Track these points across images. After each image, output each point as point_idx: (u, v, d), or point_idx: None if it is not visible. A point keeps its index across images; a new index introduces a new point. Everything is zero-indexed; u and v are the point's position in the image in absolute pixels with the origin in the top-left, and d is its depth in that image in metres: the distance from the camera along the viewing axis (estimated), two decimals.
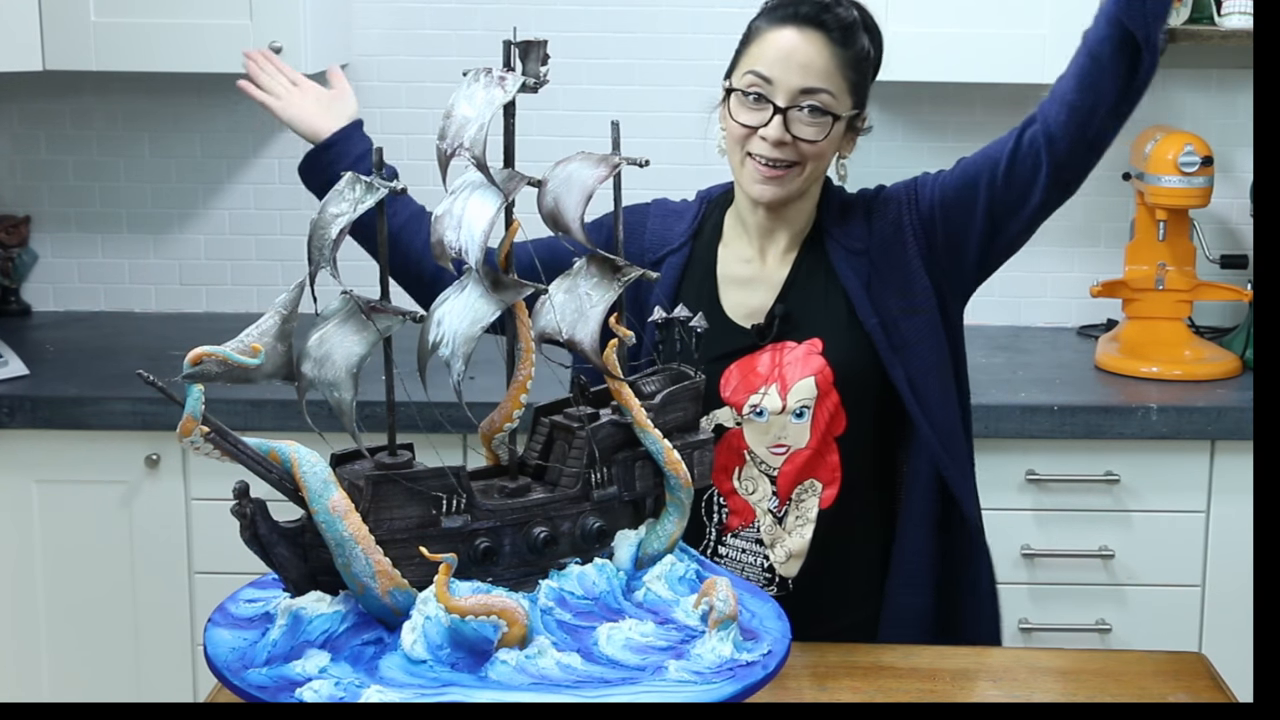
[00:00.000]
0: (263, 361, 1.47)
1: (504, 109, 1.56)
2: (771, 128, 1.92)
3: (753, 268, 2.05)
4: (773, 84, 1.93)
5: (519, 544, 1.58)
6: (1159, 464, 2.84)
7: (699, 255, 2.06)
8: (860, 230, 2.02)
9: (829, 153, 1.98)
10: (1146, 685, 1.78)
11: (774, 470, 2.01)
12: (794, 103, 1.92)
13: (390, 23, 3.34)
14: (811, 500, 2.02)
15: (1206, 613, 2.88)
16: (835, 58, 1.93)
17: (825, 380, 1.98)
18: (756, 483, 2.02)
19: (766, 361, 2.01)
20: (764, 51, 1.94)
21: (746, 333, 2.02)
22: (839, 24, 1.94)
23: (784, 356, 2.00)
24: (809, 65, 1.92)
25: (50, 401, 2.83)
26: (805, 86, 1.92)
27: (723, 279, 2.05)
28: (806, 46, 1.93)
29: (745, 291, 2.04)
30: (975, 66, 2.99)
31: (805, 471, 2.01)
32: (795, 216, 2.03)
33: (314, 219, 1.53)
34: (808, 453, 2.00)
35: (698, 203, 2.12)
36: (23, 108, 3.40)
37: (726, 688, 1.49)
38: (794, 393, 1.98)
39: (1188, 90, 3.33)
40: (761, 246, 2.05)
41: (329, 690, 1.44)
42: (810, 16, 1.94)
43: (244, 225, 3.43)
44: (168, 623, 2.89)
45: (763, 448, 2.01)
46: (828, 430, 2.00)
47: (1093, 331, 3.31)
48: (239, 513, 1.49)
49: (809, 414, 1.99)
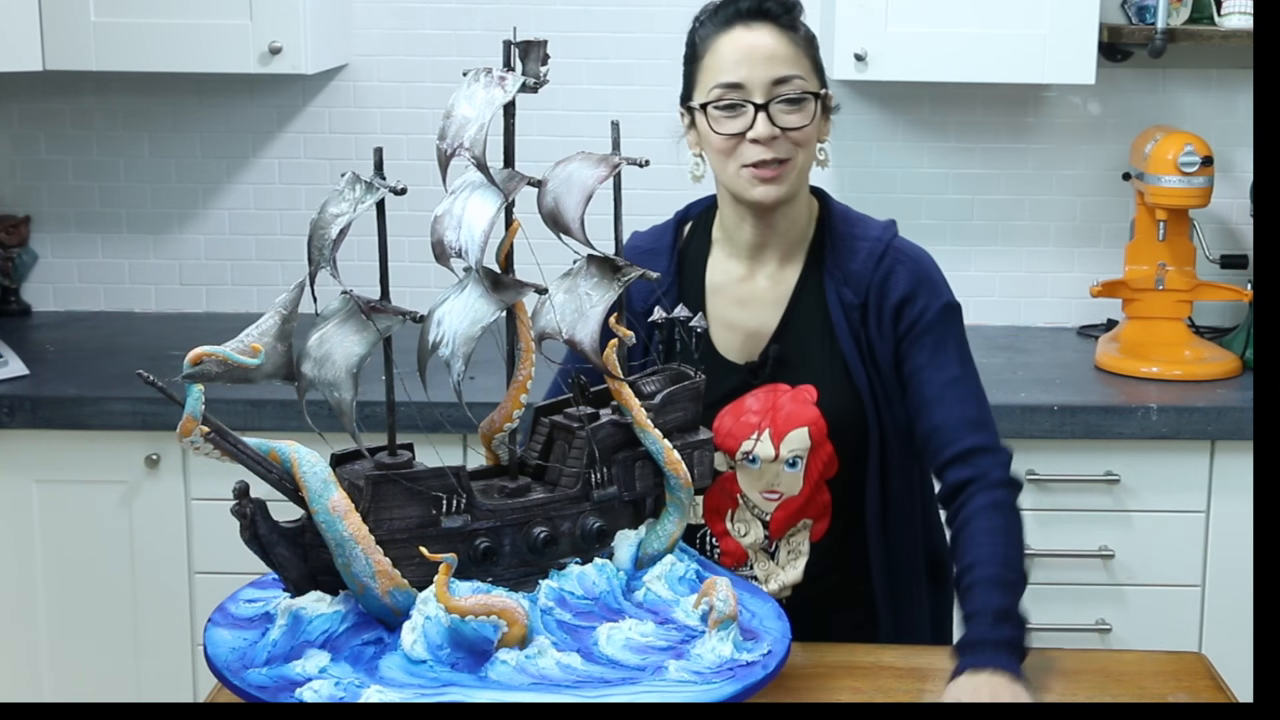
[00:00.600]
0: (263, 361, 1.47)
1: (504, 109, 1.56)
2: (759, 126, 1.86)
3: (745, 288, 1.99)
4: (744, 86, 1.87)
5: (519, 544, 1.58)
6: (1159, 464, 2.83)
7: (687, 288, 1.99)
8: (859, 282, 1.94)
9: (814, 137, 1.92)
10: (1146, 685, 1.78)
11: (766, 515, 1.98)
12: (770, 96, 1.87)
13: (390, 23, 3.33)
14: (802, 535, 1.99)
15: (1206, 613, 2.88)
16: (791, 42, 1.89)
17: (819, 432, 1.94)
18: (749, 525, 1.99)
19: (758, 403, 1.95)
20: (721, 60, 1.89)
21: (739, 370, 1.96)
22: (782, 7, 1.90)
23: (777, 400, 1.95)
24: (773, 56, 1.87)
25: (50, 401, 2.83)
26: (776, 77, 1.87)
27: (713, 304, 1.98)
28: (763, 39, 1.88)
29: (738, 314, 1.98)
30: (975, 66, 2.98)
31: (798, 515, 1.98)
32: (786, 225, 1.96)
33: (314, 219, 1.54)
34: (800, 500, 1.97)
35: (673, 226, 2.05)
36: (23, 108, 3.39)
37: (726, 688, 1.49)
38: (787, 442, 1.94)
39: (1188, 90, 3.33)
40: (751, 264, 1.98)
41: (329, 690, 1.44)
42: (753, 9, 1.89)
43: (244, 225, 3.42)
44: (168, 623, 2.89)
45: (755, 493, 1.97)
46: (820, 477, 1.97)
47: (1093, 331, 3.30)
48: (239, 513, 1.49)
49: (802, 464, 1.95)
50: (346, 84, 3.35)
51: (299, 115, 3.37)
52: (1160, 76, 3.33)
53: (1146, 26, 3.13)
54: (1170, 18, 3.11)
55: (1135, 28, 3.16)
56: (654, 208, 2.07)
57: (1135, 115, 3.32)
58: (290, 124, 3.38)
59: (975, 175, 3.37)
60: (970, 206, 3.38)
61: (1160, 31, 3.07)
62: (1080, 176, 3.37)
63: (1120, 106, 3.33)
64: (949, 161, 3.37)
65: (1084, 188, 3.38)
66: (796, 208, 1.97)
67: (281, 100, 3.36)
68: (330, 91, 3.36)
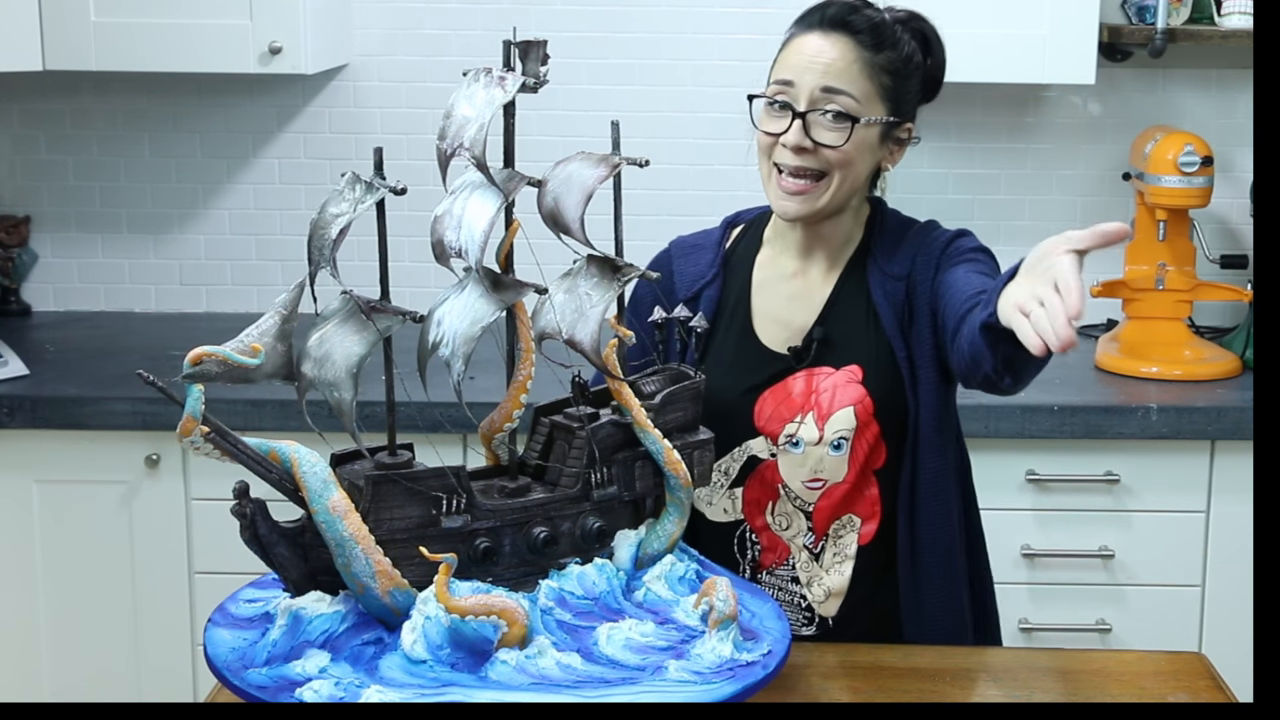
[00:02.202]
0: (263, 361, 1.47)
1: (504, 109, 1.56)
2: (791, 133, 1.86)
3: (795, 284, 1.98)
4: (794, 86, 1.87)
5: (519, 544, 1.58)
6: (1159, 464, 2.83)
7: (731, 283, 2.00)
8: (904, 256, 1.94)
9: (858, 162, 1.89)
10: (1146, 685, 1.77)
11: (809, 505, 1.94)
12: (814, 105, 1.86)
13: (390, 23, 3.34)
14: (850, 536, 1.95)
15: (1206, 613, 2.88)
16: (861, 60, 1.87)
17: (865, 411, 1.90)
18: (791, 518, 1.95)
19: (802, 387, 1.93)
20: (789, 57, 1.90)
21: (782, 357, 1.95)
22: (867, 24, 1.88)
23: (820, 382, 1.93)
24: (830, 66, 1.86)
25: (50, 401, 2.83)
26: (825, 86, 1.86)
27: (759, 298, 1.98)
28: (830, 48, 1.87)
29: (785, 307, 1.98)
30: (975, 66, 2.98)
31: (843, 507, 1.94)
32: (832, 232, 1.96)
33: (314, 219, 1.54)
34: (845, 487, 1.93)
35: (721, 228, 2.06)
36: (23, 108, 3.40)
37: (726, 688, 1.49)
38: (832, 423, 1.91)
39: (1188, 90, 3.33)
40: (803, 263, 1.98)
41: (329, 690, 1.44)
42: (836, 19, 1.88)
43: (244, 225, 3.43)
44: (168, 623, 2.89)
45: (798, 481, 1.93)
46: (867, 463, 1.92)
47: (1093, 331, 3.30)
48: (239, 513, 1.49)
49: (847, 446, 1.91)
50: (346, 84, 3.36)
51: (299, 115, 3.37)
52: (1160, 76, 3.33)
53: (1146, 26, 3.13)
54: (1170, 18, 3.12)
55: (1135, 28, 3.16)
56: (654, 207, 2.08)
57: (1135, 115, 3.32)
58: (290, 124, 3.38)
59: (975, 175, 3.37)
60: (970, 206, 3.38)
61: (1160, 31, 3.07)
62: (1080, 176, 3.37)
63: (1120, 106, 3.33)
64: (949, 161, 3.37)
65: (1084, 188, 3.38)
66: (844, 220, 1.96)
67: (281, 100, 3.36)
68: (330, 91, 3.36)
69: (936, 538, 1.93)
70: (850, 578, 1.95)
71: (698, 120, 3.27)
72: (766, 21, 1.86)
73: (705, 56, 3.31)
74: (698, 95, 3.31)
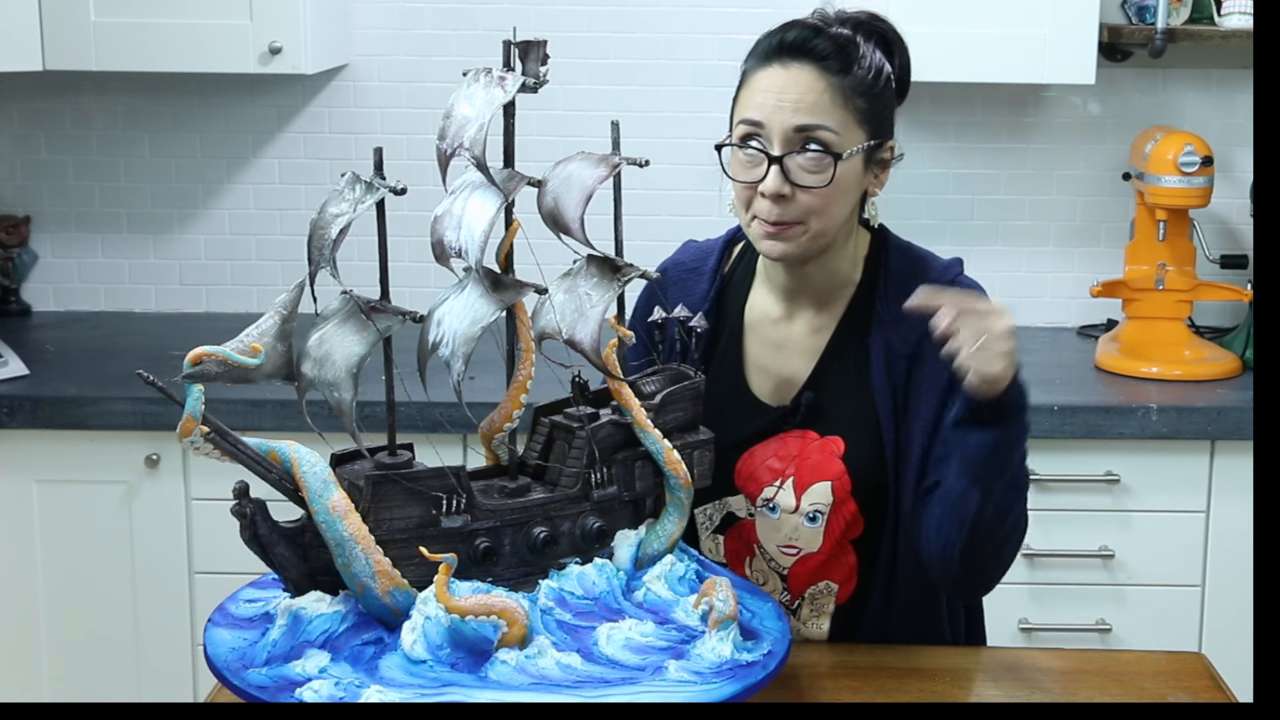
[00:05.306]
0: (263, 361, 1.47)
1: (504, 109, 1.56)
2: (769, 180, 1.73)
3: (782, 331, 1.89)
4: (765, 128, 1.74)
5: (519, 544, 1.58)
6: (1159, 464, 2.83)
7: (725, 318, 1.91)
8: (913, 328, 1.75)
9: (838, 200, 1.76)
10: (1146, 685, 1.77)
11: (784, 570, 1.88)
12: (790, 147, 1.73)
13: (390, 23, 3.34)
14: (827, 598, 1.89)
15: (1206, 613, 2.88)
16: (832, 88, 1.73)
17: (842, 488, 1.83)
18: (767, 575, 1.90)
19: (785, 449, 1.86)
20: (752, 95, 1.76)
21: (769, 410, 1.87)
22: (834, 46, 1.75)
23: (805, 448, 1.85)
24: (800, 101, 1.72)
25: (50, 401, 2.83)
26: (798, 125, 1.72)
27: (751, 342, 1.90)
28: (796, 81, 1.73)
29: (773, 357, 1.89)
30: (975, 66, 2.98)
31: (819, 574, 1.88)
32: (820, 275, 1.85)
33: (314, 219, 1.54)
34: (821, 557, 1.86)
35: (721, 246, 1.96)
36: (23, 108, 3.40)
37: (726, 688, 1.49)
38: (809, 495, 1.84)
39: (1188, 90, 3.33)
40: (789, 306, 1.88)
41: (329, 690, 1.44)
42: (797, 46, 1.74)
43: (244, 225, 3.43)
44: (168, 623, 2.89)
45: (773, 545, 1.88)
46: (844, 535, 1.86)
47: (1093, 331, 3.30)
48: (239, 513, 1.49)
49: (822, 520, 1.84)
50: (346, 84, 3.36)
51: (299, 115, 3.37)
52: (1160, 76, 3.33)
53: (1146, 26, 3.13)
54: (1170, 18, 3.12)
55: (1135, 28, 3.16)
56: (654, 208, 2.07)
57: (1135, 115, 3.32)
58: (290, 124, 3.38)
59: (975, 175, 3.37)
60: (970, 206, 3.38)
61: (1160, 31, 3.07)
62: (1080, 176, 3.37)
63: (1120, 106, 3.33)
64: (949, 161, 3.37)
65: (1084, 188, 3.38)
66: (833, 259, 1.85)
67: (281, 100, 3.36)
68: (330, 91, 3.36)
69: (915, 614, 1.87)
70: (828, 633, 1.90)
71: (698, 120, 3.26)
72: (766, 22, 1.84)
73: (705, 56, 3.30)
74: (698, 95, 3.31)
